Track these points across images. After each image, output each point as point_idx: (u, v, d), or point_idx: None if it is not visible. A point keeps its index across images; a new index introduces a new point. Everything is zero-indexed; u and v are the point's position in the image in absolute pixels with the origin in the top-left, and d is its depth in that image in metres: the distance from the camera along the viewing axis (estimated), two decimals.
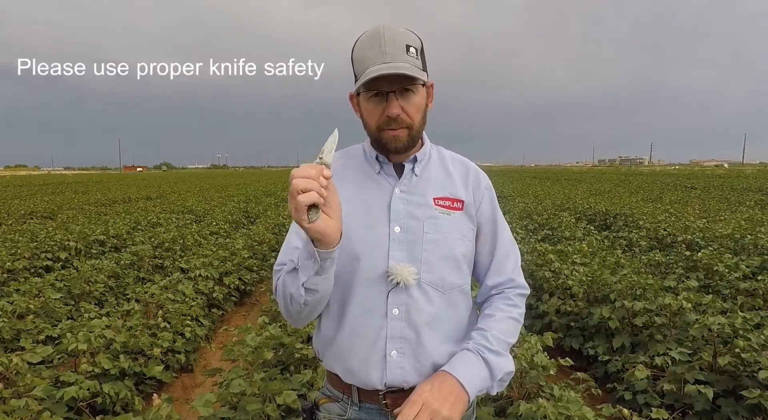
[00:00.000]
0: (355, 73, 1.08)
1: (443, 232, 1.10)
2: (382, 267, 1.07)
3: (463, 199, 1.15)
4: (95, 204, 14.43)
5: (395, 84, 1.03)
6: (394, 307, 1.07)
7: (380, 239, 1.08)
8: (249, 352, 2.68)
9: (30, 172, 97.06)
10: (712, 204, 12.21)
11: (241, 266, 6.01)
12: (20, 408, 2.28)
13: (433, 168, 1.16)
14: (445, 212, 1.12)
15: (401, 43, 1.03)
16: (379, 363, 1.07)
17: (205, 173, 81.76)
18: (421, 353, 1.08)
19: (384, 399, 1.08)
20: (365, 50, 1.05)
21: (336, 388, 1.15)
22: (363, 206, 1.11)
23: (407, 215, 1.10)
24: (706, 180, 26.71)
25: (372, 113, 1.07)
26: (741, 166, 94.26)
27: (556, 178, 33.82)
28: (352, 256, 1.08)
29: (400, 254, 1.07)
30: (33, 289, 4.31)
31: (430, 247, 1.09)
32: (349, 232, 1.06)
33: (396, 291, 1.07)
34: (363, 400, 1.11)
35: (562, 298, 4.35)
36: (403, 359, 1.07)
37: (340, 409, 1.14)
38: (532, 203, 11.71)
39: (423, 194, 1.12)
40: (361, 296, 1.08)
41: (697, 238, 6.49)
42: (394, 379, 1.07)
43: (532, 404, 2.14)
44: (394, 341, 1.07)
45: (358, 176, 1.15)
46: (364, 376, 1.08)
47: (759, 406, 2.58)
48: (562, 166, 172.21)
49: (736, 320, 3.03)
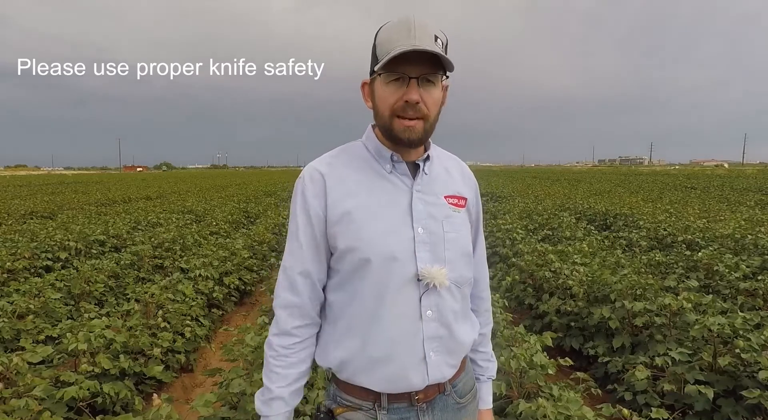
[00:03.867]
0: (377, 56, 1.03)
1: (458, 230, 1.12)
2: (411, 271, 1.04)
3: (466, 197, 1.17)
4: (95, 204, 14.42)
5: (419, 69, 1.00)
6: (427, 309, 1.06)
7: (406, 242, 1.05)
8: (249, 352, 2.67)
9: (30, 172, 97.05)
10: (712, 204, 12.21)
11: (241, 266, 6.01)
12: (20, 408, 2.28)
13: (436, 166, 1.16)
14: (456, 210, 1.13)
15: (431, 32, 1.00)
16: (419, 365, 1.07)
17: (205, 173, 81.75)
18: (453, 347, 1.11)
19: (416, 394, 1.09)
20: (392, 33, 1.01)
21: (356, 397, 1.10)
22: (382, 210, 1.06)
23: (427, 216, 1.08)
24: (706, 180, 26.69)
25: (388, 98, 1.02)
26: (741, 166, 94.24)
27: (556, 178, 33.80)
28: (381, 263, 1.03)
29: (426, 256, 1.06)
30: (33, 289, 4.32)
31: (451, 245, 1.09)
32: (373, 238, 1.04)
33: (428, 293, 1.06)
34: (392, 402, 1.09)
35: (562, 298, 4.35)
36: (439, 357, 1.09)
37: (366, 417, 1.09)
38: (532, 203, 11.71)
39: (436, 193, 1.12)
40: (394, 302, 1.05)
41: (698, 238, 6.49)
42: (435, 377, 1.09)
43: (531, 404, 2.14)
44: (431, 342, 1.07)
45: (367, 176, 1.09)
46: (403, 382, 1.07)
47: (759, 406, 2.58)
48: (562, 166, 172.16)
49: (736, 320, 3.03)
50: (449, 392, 1.14)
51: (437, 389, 1.12)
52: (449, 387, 1.14)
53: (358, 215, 1.05)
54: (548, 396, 2.38)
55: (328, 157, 1.13)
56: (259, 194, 18.23)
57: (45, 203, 13.65)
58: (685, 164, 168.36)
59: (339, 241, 1.05)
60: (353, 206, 1.05)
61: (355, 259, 1.04)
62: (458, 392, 1.17)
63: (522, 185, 21.29)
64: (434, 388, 1.11)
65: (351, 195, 1.07)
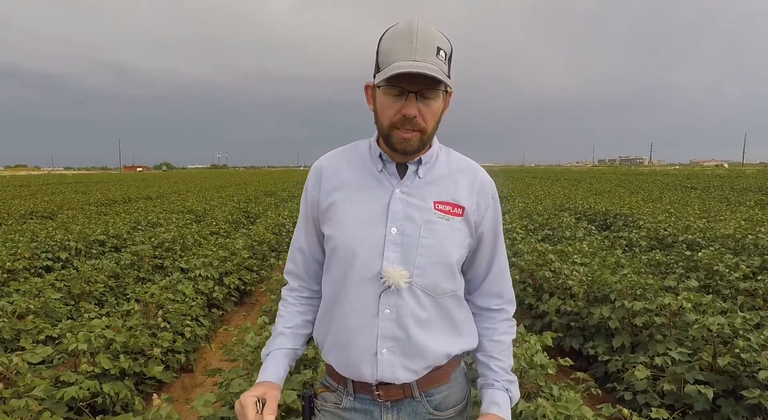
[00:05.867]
0: (379, 64, 1.04)
1: (439, 238, 1.09)
2: (376, 267, 1.07)
3: (464, 206, 1.12)
4: (95, 204, 14.41)
5: (418, 85, 1.00)
6: (385, 307, 1.08)
7: (376, 239, 1.08)
8: (249, 351, 2.68)
9: (30, 172, 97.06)
10: (712, 204, 12.21)
11: (241, 266, 6.01)
12: (20, 408, 2.28)
13: (438, 170, 1.14)
14: (444, 217, 1.10)
15: (433, 43, 1.00)
16: (370, 359, 1.09)
17: (205, 173, 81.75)
18: (411, 351, 1.10)
19: (377, 390, 1.11)
20: (395, 42, 1.01)
21: (332, 379, 1.18)
22: (361, 204, 1.11)
23: (405, 217, 1.08)
24: (706, 180, 26.69)
25: (387, 109, 1.04)
26: (741, 166, 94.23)
27: (556, 178, 33.81)
28: (349, 254, 1.09)
29: (394, 256, 1.07)
30: (33, 289, 4.32)
31: (425, 251, 1.08)
32: (346, 230, 1.10)
33: (388, 292, 1.07)
34: (357, 391, 1.14)
35: (562, 297, 4.35)
36: (393, 357, 1.09)
37: (336, 398, 1.17)
38: (532, 203, 11.71)
39: (424, 197, 1.10)
40: (355, 294, 1.10)
41: (698, 238, 6.49)
42: (384, 376, 1.09)
43: (531, 404, 2.14)
44: (385, 340, 1.09)
45: (359, 173, 1.15)
46: (355, 370, 1.11)
47: (759, 406, 2.58)
48: (562, 166, 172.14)
49: (736, 320, 3.03)
50: (419, 399, 1.13)
51: (401, 392, 1.11)
52: (418, 393, 1.12)
53: (341, 207, 1.12)
54: (548, 396, 2.38)
55: (335, 152, 1.22)
56: (259, 194, 18.23)
57: (45, 203, 13.64)
58: (685, 164, 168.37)
59: (325, 228, 1.16)
60: (339, 198, 1.13)
61: (331, 247, 1.13)
62: (433, 403, 1.14)
63: (522, 185, 21.30)
64: (397, 390, 1.11)
65: (340, 188, 1.14)
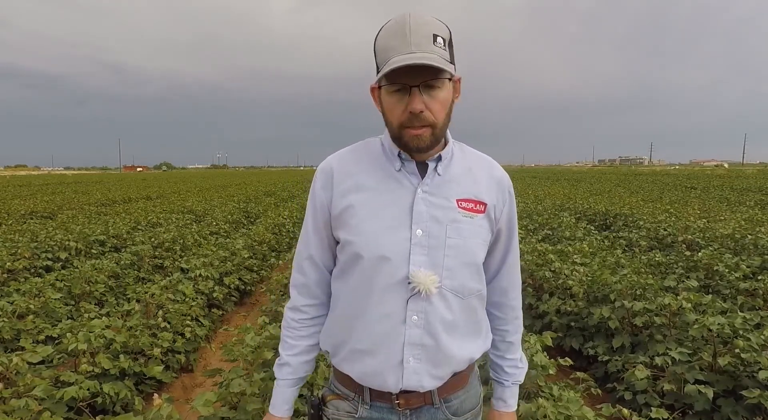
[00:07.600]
0: (378, 65, 1.00)
1: (465, 237, 1.05)
2: (402, 272, 1.02)
3: (486, 202, 1.09)
4: (95, 204, 14.41)
5: (419, 77, 0.95)
6: (413, 314, 1.03)
7: (401, 243, 1.02)
8: (249, 352, 2.67)
9: (30, 172, 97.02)
10: (712, 204, 12.21)
11: (241, 266, 6.01)
12: (20, 408, 2.28)
13: (455, 167, 1.09)
14: (468, 215, 1.06)
15: (428, 32, 0.95)
16: (396, 368, 1.05)
17: (205, 173, 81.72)
18: (438, 358, 1.06)
19: (397, 399, 1.08)
20: (389, 39, 0.97)
21: (345, 387, 1.14)
22: (383, 207, 1.05)
23: (430, 218, 1.03)
24: (706, 180, 26.68)
25: (394, 109, 1.00)
26: (741, 166, 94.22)
27: (556, 178, 33.80)
28: (372, 260, 1.03)
29: (421, 259, 1.02)
30: (33, 289, 4.32)
31: (452, 252, 1.04)
32: (367, 234, 1.04)
33: (415, 298, 1.03)
34: (374, 399, 1.10)
35: (562, 298, 4.35)
36: (420, 365, 1.05)
37: (350, 407, 1.12)
38: (532, 203, 11.70)
39: (446, 196, 1.06)
40: (380, 301, 1.04)
41: (698, 238, 6.49)
42: (410, 384, 1.06)
43: (531, 404, 2.14)
44: (412, 348, 1.04)
45: (375, 174, 1.08)
46: (379, 379, 1.07)
47: (759, 406, 2.58)
48: (562, 166, 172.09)
49: (736, 320, 3.03)
50: (438, 405, 1.10)
51: (422, 399, 1.09)
52: (438, 400, 1.10)
53: (359, 211, 1.05)
54: (548, 396, 2.38)
55: (344, 152, 1.15)
56: (259, 194, 18.22)
57: (45, 203, 13.63)
58: (685, 164, 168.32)
59: (340, 233, 1.09)
60: (356, 201, 1.06)
61: (350, 253, 1.07)
62: (451, 409, 1.12)
63: (522, 185, 21.30)
64: (418, 398, 1.08)
65: (355, 190, 1.07)
